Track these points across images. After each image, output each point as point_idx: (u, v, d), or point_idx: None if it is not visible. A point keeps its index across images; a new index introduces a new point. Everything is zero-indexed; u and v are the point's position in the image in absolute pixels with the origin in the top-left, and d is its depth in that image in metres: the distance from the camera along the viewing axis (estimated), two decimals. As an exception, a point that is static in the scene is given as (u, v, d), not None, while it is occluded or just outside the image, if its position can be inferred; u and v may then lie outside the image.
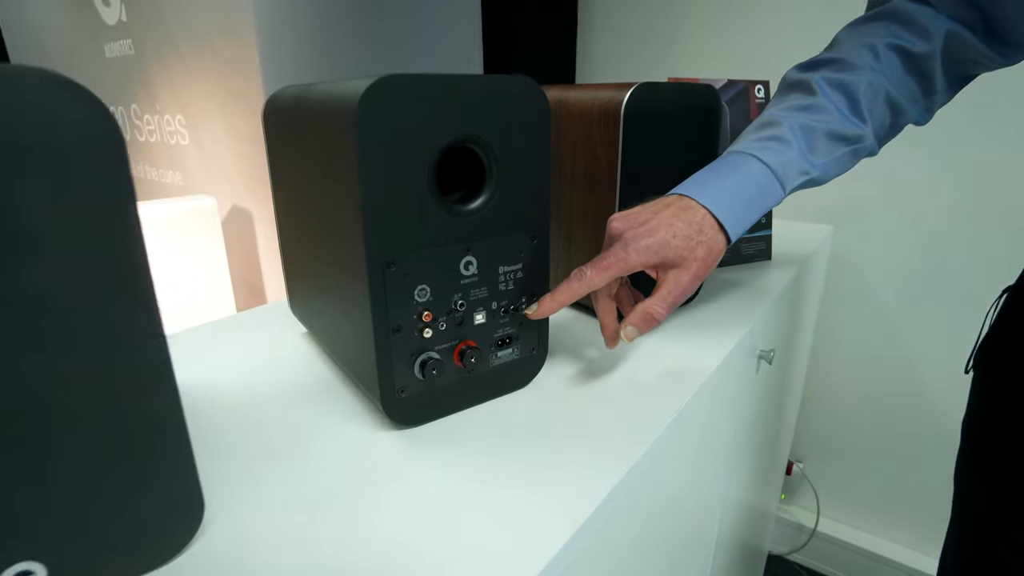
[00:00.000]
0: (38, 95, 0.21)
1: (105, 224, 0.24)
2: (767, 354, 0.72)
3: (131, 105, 1.84)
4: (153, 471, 0.28)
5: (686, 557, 0.65)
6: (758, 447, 0.94)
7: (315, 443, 0.42)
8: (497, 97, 0.39)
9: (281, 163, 0.51)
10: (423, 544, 0.32)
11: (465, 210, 0.40)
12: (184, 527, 0.31)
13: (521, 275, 0.45)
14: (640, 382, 0.50)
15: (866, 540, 1.41)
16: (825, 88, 0.53)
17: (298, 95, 0.45)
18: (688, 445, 0.53)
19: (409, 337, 0.40)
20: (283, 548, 0.32)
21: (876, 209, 1.23)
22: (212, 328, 0.62)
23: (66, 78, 0.22)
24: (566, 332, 0.61)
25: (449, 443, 0.42)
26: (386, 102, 0.35)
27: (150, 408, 0.27)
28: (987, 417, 0.64)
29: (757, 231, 0.88)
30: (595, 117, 0.57)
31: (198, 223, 1.50)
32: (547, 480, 0.38)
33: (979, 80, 0.58)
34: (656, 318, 0.46)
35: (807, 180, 0.52)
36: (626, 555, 0.45)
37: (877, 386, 1.33)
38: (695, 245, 0.47)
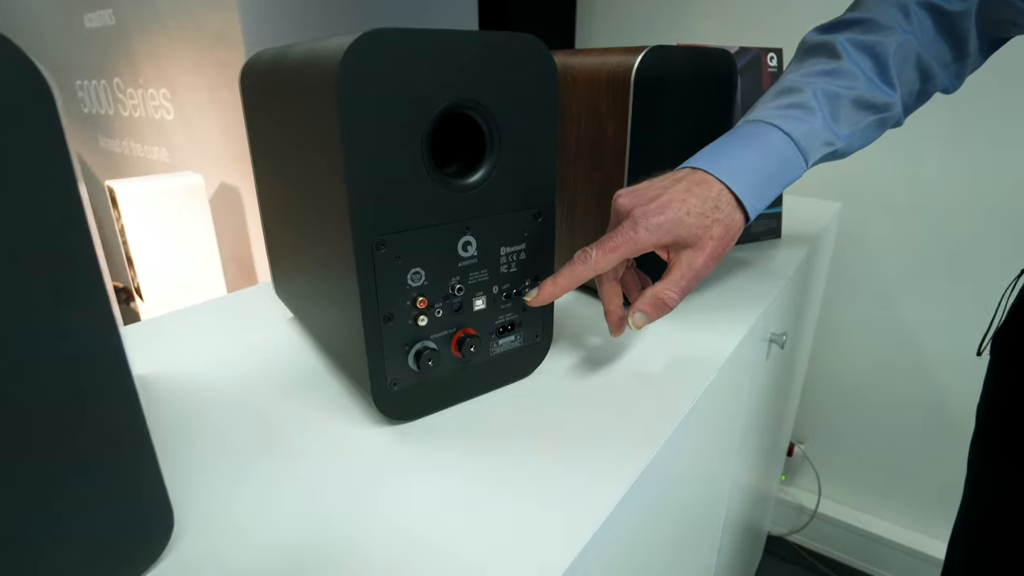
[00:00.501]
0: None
1: (30, 194, 0.20)
2: (779, 338, 0.69)
3: (113, 79, 1.77)
4: (109, 485, 0.25)
5: (695, 541, 0.62)
6: (763, 430, 0.91)
7: (300, 441, 0.38)
8: (499, 57, 0.35)
9: (260, 134, 0.47)
10: (418, 554, 0.29)
11: (463, 185, 0.36)
12: (150, 543, 0.27)
13: (524, 256, 0.41)
14: (650, 373, 0.47)
15: (866, 521, 1.40)
16: (851, 51, 0.49)
17: (277, 57, 0.40)
18: (698, 435, 0.50)
19: (402, 326, 0.37)
20: (262, 562, 0.29)
21: (885, 186, 1.19)
22: (195, 312, 0.58)
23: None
24: (570, 317, 0.57)
25: (446, 440, 0.38)
26: (373, 60, 0.31)
27: (101, 414, 0.24)
28: (1006, 405, 0.61)
29: (768, 208, 0.84)
30: (602, 84, 0.53)
31: (185, 200, 1.45)
32: (553, 483, 0.34)
33: (1000, 52, 0.54)
34: (668, 304, 0.42)
35: (831, 152, 0.48)
36: (635, 544, 0.42)
37: (880, 367, 1.30)
38: (710, 223, 0.43)
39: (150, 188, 1.42)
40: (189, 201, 1.45)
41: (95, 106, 1.90)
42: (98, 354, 0.23)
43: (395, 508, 0.32)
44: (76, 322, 0.22)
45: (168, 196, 1.43)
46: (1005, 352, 0.62)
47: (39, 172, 0.20)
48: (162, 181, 1.44)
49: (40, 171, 0.20)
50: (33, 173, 0.20)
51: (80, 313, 0.22)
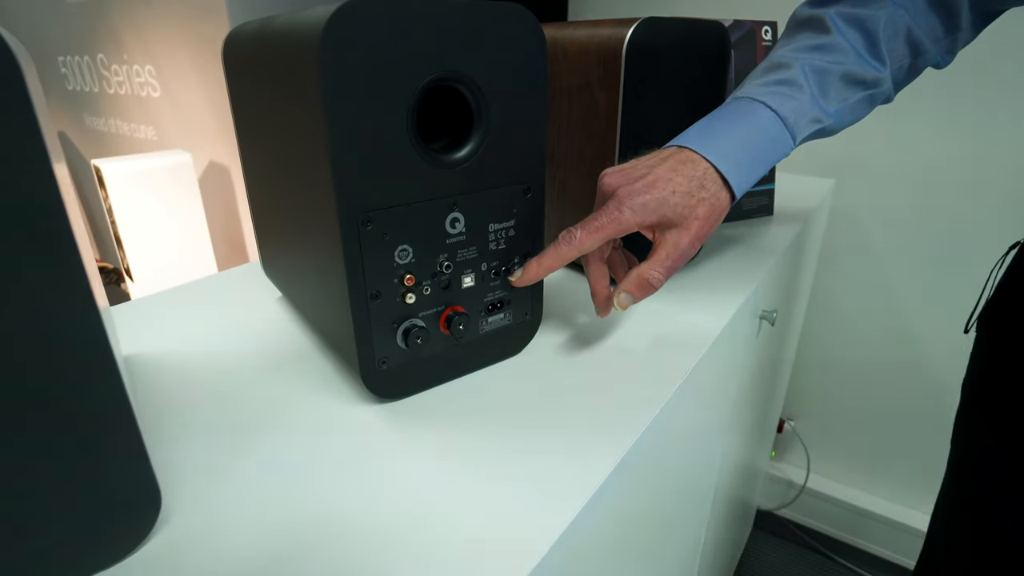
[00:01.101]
0: None
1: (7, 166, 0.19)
2: (769, 315, 0.69)
3: (97, 55, 1.74)
4: (93, 464, 0.24)
5: (684, 516, 0.63)
6: (753, 407, 0.92)
7: (289, 419, 0.38)
8: (486, 28, 0.34)
9: (244, 110, 0.46)
10: (407, 531, 0.29)
11: (450, 160, 0.36)
12: (137, 522, 0.27)
13: (514, 233, 0.41)
14: (641, 351, 0.47)
15: (853, 496, 1.43)
16: (840, 25, 0.48)
17: (258, 30, 0.39)
18: (689, 413, 0.51)
19: (390, 303, 0.36)
20: (251, 535, 0.29)
21: (879, 161, 1.18)
22: (184, 292, 0.57)
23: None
24: (560, 294, 0.57)
25: (435, 418, 0.38)
26: (356, 31, 0.30)
27: (83, 393, 0.23)
28: (990, 377, 0.62)
29: (760, 185, 0.84)
30: (594, 57, 0.52)
31: (174, 179, 1.43)
32: (542, 461, 0.34)
33: (992, 27, 0.53)
34: (653, 284, 0.42)
35: (819, 129, 0.48)
36: (624, 518, 0.43)
37: (870, 345, 1.31)
38: (696, 203, 0.42)
39: (137, 167, 1.40)
40: (177, 180, 1.43)
41: (79, 83, 1.86)
42: (76, 332, 0.22)
43: (384, 486, 0.32)
44: (53, 300, 0.22)
45: (156, 175, 1.41)
46: (991, 329, 0.62)
47: (7, 150, 0.19)
48: (150, 160, 1.42)
49: (9, 149, 0.19)
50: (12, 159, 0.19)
51: (56, 290, 0.22)
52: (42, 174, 0.20)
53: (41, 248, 0.21)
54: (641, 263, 0.43)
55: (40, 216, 0.21)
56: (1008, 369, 0.60)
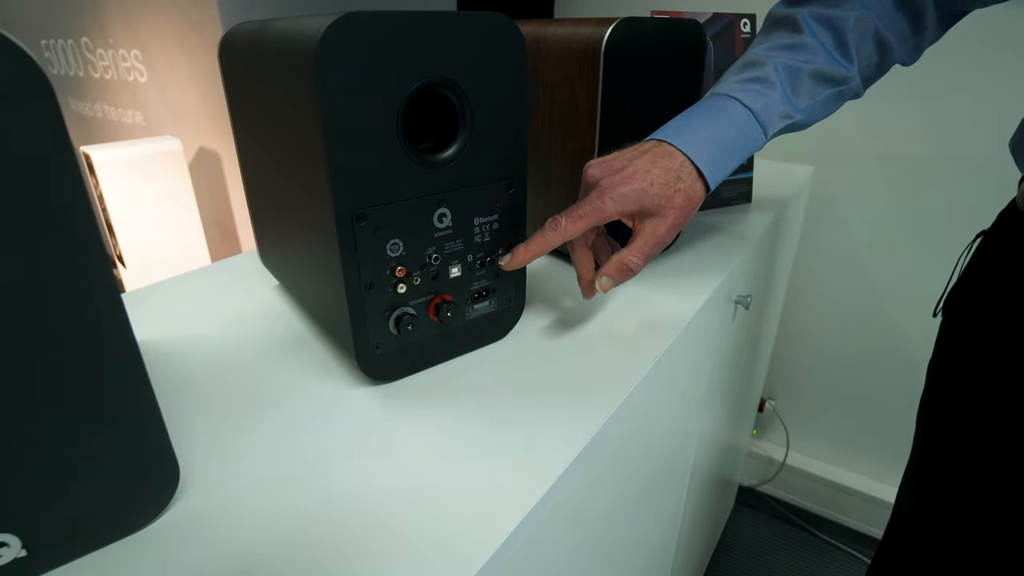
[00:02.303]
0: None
1: (43, 174, 0.22)
2: (744, 299, 0.72)
3: (81, 38, 1.73)
4: (119, 437, 0.27)
5: (663, 488, 0.67)
6: (732, 387, 0.96)
7: (291, 400, 0.41)
8: (469, 36, 0.37)
9: (241, 108, 0.48)
10: (400, 500, 0.32)
11: (437, 159, 0.39)
12: (159, 491, 0.30)
13: (497, 226, 0.43)
14: (617, 333, 0.50)
15: (831, 472, 1.48)
16: (812, 25, 0.51)
17: (255, 34, 0.41)
18: (664, 391, 0.54)
19: (383, 293, 0.39)
20: (262, 506, 0.32)
21: (857, 151, 1.22)
22: (183, 281, 0.60)
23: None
24: (544, 281, 0.60)
25: (426, 397, 0.41)
26: (349, 43, 0.32)
27: (110, 373, 0.26)
28: (952, 361, 0.66)
29: (738, 173, 0.87)
30: (574, 55, 0.54)
31: (164, 166, 1.44)
32: (523, 434, 0.38)
33: (963, 27, 0.56)
34: (632, 269, 0.45)
35: (790, 124, 0.51)
36: (603, 491, 0.46)
37: (848, 327, 1.36)
38: (673, 193, 0.45)
39: (128, 154, 1.40)
40: (168, 166, 1.44)
41: (63, 67, 1.85)
42: (105, 322, 0.25)
43: (380, 459, 0.35)
44: (77, 281, 0.24)
45: (146, 162, 1.42)
46: (955, 314, 0.66)
47: (47, 161, 0.22)
48: (139, 146, 1.42)
49: (47, 161, 0.22)
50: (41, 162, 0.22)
51: (85, 279, 0.24)
52: (76, 183, 0.23)
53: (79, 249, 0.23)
54: (622, 249, 0.46)
55: (72, 217, 0.23)
56: (967, 354, 0.63)
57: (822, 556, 1.44)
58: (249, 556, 0.29)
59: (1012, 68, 1.03)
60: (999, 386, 0.59)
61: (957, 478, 0.65)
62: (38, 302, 0.23)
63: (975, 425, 0.62)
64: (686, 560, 1.05)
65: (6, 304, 0.22)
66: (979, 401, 0.61)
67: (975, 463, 0.63)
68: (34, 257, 0.23)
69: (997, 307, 0.58)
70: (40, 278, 0.23)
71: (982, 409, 0.61)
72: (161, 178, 1.43)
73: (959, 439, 0.64)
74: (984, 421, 0.61)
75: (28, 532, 0.26)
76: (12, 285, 0.22)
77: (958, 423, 0.65)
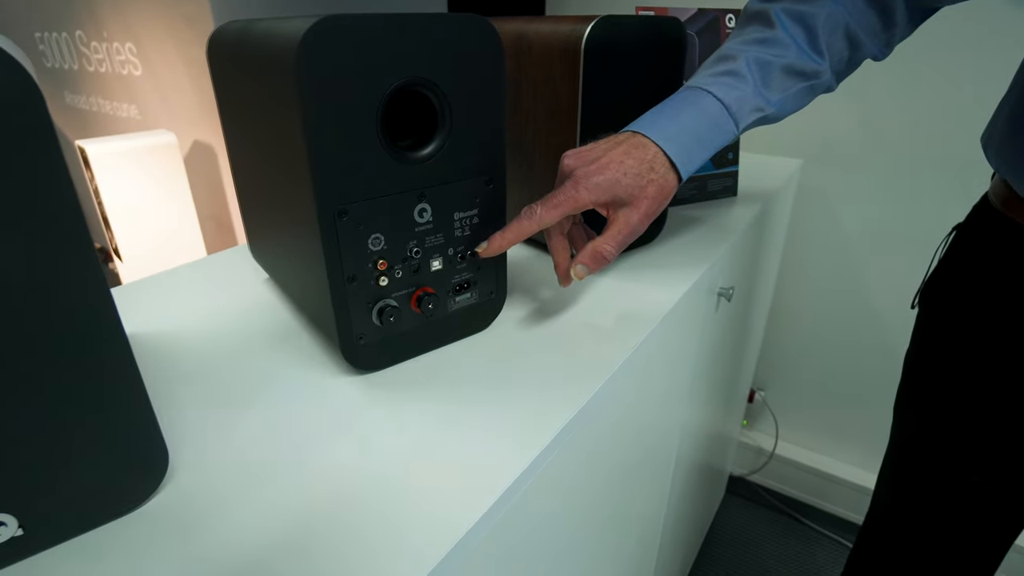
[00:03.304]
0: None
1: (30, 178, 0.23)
2: (726, 291, 0.74)
3: (75, 31, 1.73)
4: (110, 424, 0.29)
5: (646, 474, 0.69)
6: (719, 378, 0.98)
7: (279, 389, 0.43)
8: (447, 38, 0.38)
9: (229, 106, 0.49)
10: (382, 482, 0.34)
11: (417, 156, 0.40)
12: (149, 475, 0.32)
13: (477, 220, 0.45)
14: (599, 324, 0.52)
15: (820, 461, 1.51)
16: (784, 20, 0.52)
17: (241, 33, 0.43)
18: (646, 380, 0.56)
19: (365, 286, 0.41)
20: (248, 490, 0.33)
21: (845, 144, 1.23)
22: (176, 274, 0.61)
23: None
24: (525, 272, 0.61)
25: (408, 386, 0.43)
26: (328, 45, 0.33)
27: (99, 363, 0.27)
28: (927, 352, 0.67)
29: (724, 167, 0.88)
30: (556, 53, 0.55)
31: (159, 160, 1.45)
32: (504, 417, 0.39)
33: (949, 20, 0.57)
34: (605, 257, 0.47)
35: (761, 117, 0.52)
36: (586, 474, 0.48)
37: (836, 320, 1.38)
38: (645, 183, 0.47)
39: (123, 148, 1.41)
40: (163, 160, 1.45)
41: (57, 60, 1.85)
42: (95, 315, 0.27)
43: (362, 443, 0.37)
44: (69, 278, 0.26)
45: (142, 155, 1.42)
46: (929, 305, 0.68)
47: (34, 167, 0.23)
48: (134, 140, 1.43)
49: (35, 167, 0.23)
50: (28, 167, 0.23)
51: (76, 277, 0.26)
52: (62, 185, 0.24)
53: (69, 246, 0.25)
54: (596, 238, 0.47)
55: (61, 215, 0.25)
56: (941, 344, 0.65)
57: (809, 543, 1.47)
58: (235, 536, 0.30)
59: (993, 63, 1.04)
60: (972, 375, 0.61)
61: (931, 466, 0.67)
62: (32, 297, 0.25)
63: (949, 414, 0.64)
64: (674, 547, 1.07)
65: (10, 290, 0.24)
66: (953, 390, 0.63)
67: (949, 451, 0.65)
68: (30, 256, 0.24)
69: (969, 299, 0.60)
70: (37, 277, 0.24)
71: (956, 398, 0.63)
72: (157, 172, 1.44)
73: (933, 428, 0.66)
74: (957, 410, 0.63)
75: (24, 513, 0.28)
76: (9, 283, 0.24)
77: (932, 412, 0.66)
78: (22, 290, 0.24)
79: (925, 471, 0.68)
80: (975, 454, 0.63)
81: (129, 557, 0.29)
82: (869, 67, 1.10)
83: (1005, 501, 0.64)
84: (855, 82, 1.15)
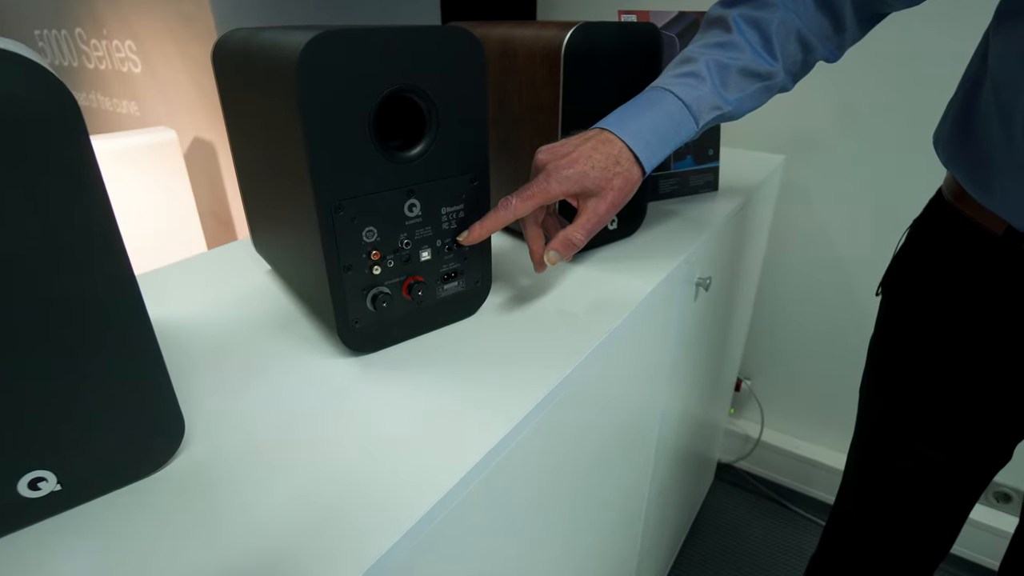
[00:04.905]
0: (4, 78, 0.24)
1: (67, 179, 0.27)
2: (704, 281, 0.78)
3: (75, 29, 1.76)
4: (136, 392, 0.33)
5: (626, 457, 0.73)
6: (702, 367, 1.02)
7: (281, 369, 0.47)
8: (432, 48, 0.42)
9: (233, 109, 0.53)
10: (376, 447, 0.38)
11: (407, 156, 0.44)
12: (168, 440, 0.36)
13: (463, 215, 0.49)
14: (577, 311, 0.56)
15: (804, 448, 1.55)
16: (741, 25, 0.56)
17: (244, 44, 0.46)
18: (624, 362, 0.60)
19: (360, 274, 0.45)
20: (257, 456, 0.37)
21: (826, 139, 1.27)
22: (181, 267, 0.65)
23: (28, 59, 0.24)
24: (511, 262, 0.65)
25: (400, 365, 0.47)
26: (326, 58, 0.37)
27: (127, 341, 0.31)
28: (887, 338, 0.72)
29: (705, 163, 0.92)
30: (538, 57, 0.59)
31: (160, 157, 1.48)
32: (486, 394, 0.43)
33: (923, 21, 0.61)
34: (575, 243, 0.51)
35: (720, 115, 0.56)
36: (563, 448, 0.52)
37: (820, 311, 1.42)
38: (612, 176, 0.51)
39: (124, 145, 1.44)
40: (164, 157, 1.48)
41: (57, 57, 1.87)
42: (122, 301, 0.31)
43: (357, 415, 0.41)
44: (104, 262, 0.30)
45: (142, 152, 1.46)
46: (890, 294, 0.72)
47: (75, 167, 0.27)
48: (135, 137, 1.46)
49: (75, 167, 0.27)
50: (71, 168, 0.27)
51: (105, 254, 0.30)
52: (97, 190, 0.28)
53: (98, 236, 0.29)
54: (567, 226, 0.52)
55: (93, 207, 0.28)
56: (899, 330, 0.69)
57: (794, 527, 1.52)
58: (245, 494, 0.34)
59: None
60: (929, 359, 0.65)
61: (893, 445, 0.72)
62: (74, 278, 0.29)
63: (909, 396, 0.68)
64: (660, 529, 1.12)
65: (46, 280, 0.28)
66: (912, 374, 0.67)
67: (909, 431, 0.69)
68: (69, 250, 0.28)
69: (925, 287, 0.64)
70: (79, 261, 0.28)
71: (915, 381, 0.67)
72: (157, 168, 1.48)
73: (895, 410, 0.71)
74: (916, 391, 0.67)
75: (62, 471, 0.32)
76: (57, 266, 0.28)
77: (894, 395, 0.71)
78: (67, 272, 0.28)
79: (888, 451, 0.72)
80: (933, 433, 0.67)
81: (155, 512, 0.33)
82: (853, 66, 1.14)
83: (959, 475, 0.69)
84: (840, 80, 1.19)
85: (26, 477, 0.30)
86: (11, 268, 0.26)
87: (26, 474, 0.30)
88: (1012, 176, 0.51)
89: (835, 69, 1.15)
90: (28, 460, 0.30)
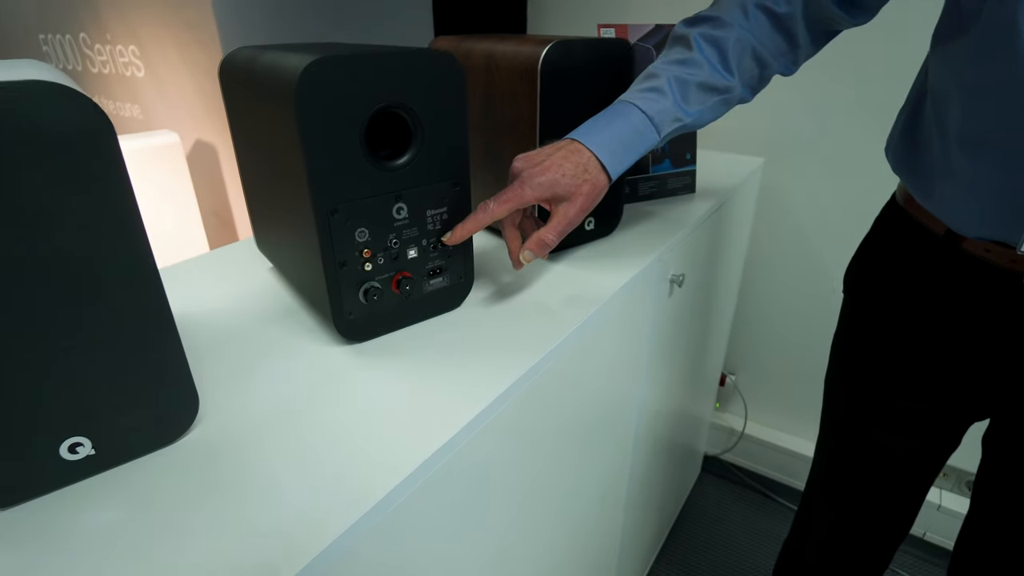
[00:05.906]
0: (48, 103, 0.29)
1: (102, 191, 0.32)
2: (677, 278, 0.83)
3: (79, 34, 1.80)
4: (159, 368, 0.38)
5: (603, 447, 0.78)
6: (680, 361, 1.07)
7: (282, 355, 0.52)
8: (418, 70, 0.47)
9: (239, 121, 0.58)
10: (368, 420, 0.43)
11: (395, 165, 0.49)
12: (186, 413, 0.41)
13: (447, 217, 0.54)
14: (551, 304, 0.61)
15: (786, 440, 1.61)
16: (701, 43, 0.62)
17: (248, 63, 0.52)
18: (596, 354, 0.65)
19: (353, 270, 0.50)
20: (260, 429, 0.43)
21: (803, 143, 1.32)
22: (188, 265, 0.70)
23: (70, 89, 0.30)
24: (494, 260, 0.71)
25: (389, 352, 0.52)
26: (321, 80, 0.42)
27: (152, 327, 0.37)
28: (847, 333, 0.77)
29: (683, 167, 0.97)
30: (517, 71, 0.64)
31: (163, 159, 1.52)
32: (465, 376, 0.49)
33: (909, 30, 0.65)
34: (547, 243, 0.56)
35: (681, 126, 0.61)
36: (539, 439, 0.57)
37: (801, 307, 1.47)
38: (581, 182, 0.56)
39: (127, 147, 1.49)
40: (167, 160, 1.52)
41: (62, 61, 1.92)
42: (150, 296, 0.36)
43: (351, 394, 0.46)
44: (136, 257, 0.35)
45: (145, 155, 1.50)
46: (849, 290, 0.77)
47: (110, 176, 0.32)
48: (139, 140, 1.51)
49: (110, 176, 0.32)
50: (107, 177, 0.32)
51: (136, 251, 0.35)
52: (127, 202, 0.33)
53: (129, 240, 0.34)
54: (541, 228, 0.57)
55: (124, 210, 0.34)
56: (857, 325, 0.74)
57: (777, 517, 1.57)
58: (254, 461, 0.40)
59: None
60: (882, 352, 0.70)
61: (855, 438, 0.77)
62: (111, 269, 0.34)
63: (867, 386, 0.73)
64: (644, 520, 1.17)
65: (92, 273, 0.33)
66: (867, 366, 0.72)
67: (868, 422, 0.74)
68: (111, 248, 0.33)
69: (879, 285, 0.69)
70: (118, 256, 0.34)
71: (871, 374, 0.72)
72: (160, 170, 1.52)
73: (854, 402, 0.76)
74: (875, 382, 0.72)
75: (96, 438, 0.37)
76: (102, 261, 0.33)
77: (852, 387, 0.76)
78: (106, 265, 0.33)
79: (850, 439, 0.77)
80: (891, 422, 0.72)
81: (180, 476, 0.38)
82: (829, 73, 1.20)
83: (916, 460, 0.74)
84: (815, 85, 1.25)
85: (67, 442, 0.36)
86: (66, 265, 0.32)
87: (66, 439, 0.35)
88: (947, 182, 0.57)
89: (819, 74, 1.21)
90: (68, 428, 0.35)
